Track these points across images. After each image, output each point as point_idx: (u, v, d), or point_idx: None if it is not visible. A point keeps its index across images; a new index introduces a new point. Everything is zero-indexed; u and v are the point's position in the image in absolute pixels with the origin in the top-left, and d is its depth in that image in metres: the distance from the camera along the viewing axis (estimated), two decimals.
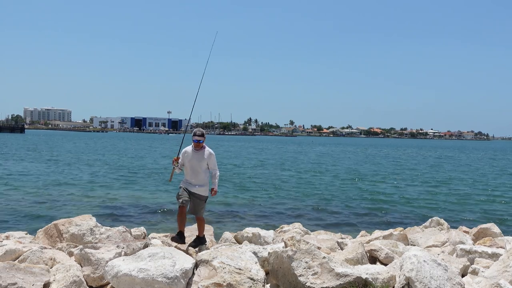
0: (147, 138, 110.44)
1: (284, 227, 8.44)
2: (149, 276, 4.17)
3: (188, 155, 5.85)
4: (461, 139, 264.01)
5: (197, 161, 5.82)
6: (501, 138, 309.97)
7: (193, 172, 5.83)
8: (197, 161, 5.81)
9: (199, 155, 5.82)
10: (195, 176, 5.84)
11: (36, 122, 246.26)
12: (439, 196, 17.50)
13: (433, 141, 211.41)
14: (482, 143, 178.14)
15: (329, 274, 4.39)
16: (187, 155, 5.86)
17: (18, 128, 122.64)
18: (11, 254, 4.89)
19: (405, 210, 14.01)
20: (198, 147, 5.80)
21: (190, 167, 5.83)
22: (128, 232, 5.96)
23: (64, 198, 14.27)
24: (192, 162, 5.82)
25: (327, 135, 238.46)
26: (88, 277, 4.52)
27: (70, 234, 5.57)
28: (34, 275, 4.27)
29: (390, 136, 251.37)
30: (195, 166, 5.82)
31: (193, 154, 5.82)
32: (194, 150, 5.83)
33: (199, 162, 5.83)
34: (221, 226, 10.15)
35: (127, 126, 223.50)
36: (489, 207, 15.07)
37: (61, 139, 75.47)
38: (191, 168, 5.84)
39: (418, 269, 4.28)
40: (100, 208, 12.55)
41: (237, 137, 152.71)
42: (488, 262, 5.18)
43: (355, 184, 20.69)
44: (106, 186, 17.47)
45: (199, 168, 5.82)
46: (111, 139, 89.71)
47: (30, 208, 12.34)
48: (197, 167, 5.82)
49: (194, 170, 5.83)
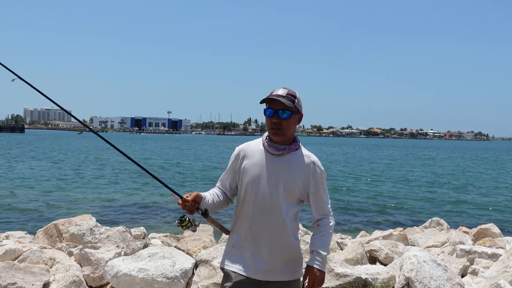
0: (143, 138, 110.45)
1: None
2: (148, 276, 4.17)
3: (252, 163, 2.36)
4: (461, 139, 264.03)
5: (276, 180, 2.31)
6: (501, 138, 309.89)
7: (262, 213, 2.31)
8: (275, 180, 2.31)
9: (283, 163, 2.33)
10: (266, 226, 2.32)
11: (36, 122, 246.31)
12: (439, 196, 17.50)
13: (433, 141, 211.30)
14: (482, 143, 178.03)
15: (329, 274, 4.39)
16: (247, 163, 2.37)
17: (18, 128, 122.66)
18: (10, 254, 4.89)
19: (405, 210, 14.01)
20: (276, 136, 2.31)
21: (254, 197, 2.32)
22: (128, 232, 5.96)
23: (64, 198, 14.27)
24: (261, 182, 2.31)
25: (327, 135, 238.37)
26: (87, 277, 4.52)
27: (70, 234, 5.57)
28: (33, 275, 4.27)
29: (390, 137, 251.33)
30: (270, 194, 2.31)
31: (266, 160, 2.34)
32: (268, 148, 2.34)
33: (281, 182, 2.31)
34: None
35: (127, 126, 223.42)
36: (489, 207, 15.07)
37: (65, 139, 75.47)
38: (257, 202, 2.32)
39: (418, 269, 4.28)
40: (100, 208, 12.54)
41: (237, 137, 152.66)
42: (488, 263, 5.18)
43: (355, 184, 20.69)
44: (106, 186, 17.47)
45: (278, 201, 2.31)
46: (111, 139, 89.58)
47: (30, 208, 12.34)
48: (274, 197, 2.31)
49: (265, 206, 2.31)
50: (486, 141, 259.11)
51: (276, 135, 2.31)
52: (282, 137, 2.31)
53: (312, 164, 2.36)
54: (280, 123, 2.28)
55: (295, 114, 2.32)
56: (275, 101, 2.26)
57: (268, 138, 2.37)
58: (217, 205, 2.44)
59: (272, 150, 2.33)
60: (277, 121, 2.28)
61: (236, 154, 2.44)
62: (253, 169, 2.35)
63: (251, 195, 2.34)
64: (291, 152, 2.34)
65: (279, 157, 2.33)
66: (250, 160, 2.37)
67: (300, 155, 2.36)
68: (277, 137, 2.31)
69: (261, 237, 2.32)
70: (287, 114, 2.27)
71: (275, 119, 2.28)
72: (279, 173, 2.31)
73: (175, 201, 2.37)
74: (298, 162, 2.34)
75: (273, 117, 2.28)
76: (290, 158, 2.34)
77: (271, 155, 2.34)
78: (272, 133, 2.31)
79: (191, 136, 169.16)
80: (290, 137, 2.35)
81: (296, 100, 2.30)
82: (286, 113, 2.27)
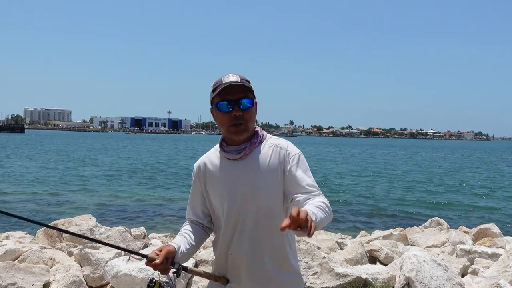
0: (138, 138, 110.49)
1: None
2: (148, 276, 4.17)
3: (214, 178, 1.90)
4: (461, 139, 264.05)
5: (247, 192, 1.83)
6: (501, 138, 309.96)
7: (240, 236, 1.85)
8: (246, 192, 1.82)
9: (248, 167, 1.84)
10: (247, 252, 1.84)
11: (36, 122, 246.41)
12: (439, 196, 17.50)
13: (433, 141, 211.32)
14: (482, 143, 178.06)
15: (329, 274, 4.39)
16: (209, 179, 1.92)
17: (18, 128, 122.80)
18: (11, 254, 4.89)
19: (405, 210, 14.00)
20: (239, 135, 1.83)
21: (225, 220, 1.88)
22: (128, 232, 5.96)
23: (64, 198, 14.27)
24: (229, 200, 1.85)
25: (327, 135, 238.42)
26: (87, 277, 4.52)
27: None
28: (34, 275, 4.27)
29: (390, 136, 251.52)
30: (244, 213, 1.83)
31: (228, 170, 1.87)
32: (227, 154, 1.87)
33: (254, 194, 1.82)
34: None
35: (127, 126, 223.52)
36: (489, 207, 15.07)
37: (67, 139, 75.47)
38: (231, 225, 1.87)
39: (418, 269, 4.28)
40: (100, 208, 12.54)
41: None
42: (488, 262, 5.18)
43: (354, 184, 20.68)
44: (106, 186, 17.47)
45: (258, 218, 1.83)
46: (111, 139, 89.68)
47: (30, 208, 12.34)
48: (251, 215, 1.83)
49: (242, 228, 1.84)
50: (486, 141, 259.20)
51: (239, 133, 1.81)
52: (246, 133, 1.83)
53: (281, 151, 1.84)
54: (243, 116, 1.80)
55: (254, 102, 1.86)
56: (232, 89, 1.78)
57: (224, 142, 1.90)
58: (196, 246, 1.94)
59: (232, 155, 1.84)
60: (239, 114, 1.79)
61: (196, 173, 1.97)
62: (216, 185, 1.88)
63: (226, 218, 1.87)
64: (253, 148, 1.85)
65: (241, 161, 1.84)
66: (212, 175, 1.90)
67: (265, 148, 1.86)
68: (242, 136, 1.82)
69: (242, 265, 1.86)
70: (249, 102, 1.81)
71: (236, 112, 1.79)
72: (247, 181, 1.82)
73: (175, 201, 2.32)
74: (265, 158, 1.83)
75: (234, 110, 1.79)
76: (254, 156, 1.84)
77: (232, 162, 1.85)
78: (235, 131, 1.81)
79: (191, 136, 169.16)
80: (252, 131, 1.87)
81: (251, 84, 1.85)
82: (248, 101, 1.81)
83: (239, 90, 1.79)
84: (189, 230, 1.95)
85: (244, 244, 1.84)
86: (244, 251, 1.84)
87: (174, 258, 1.80)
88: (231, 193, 1.84)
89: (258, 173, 1.82)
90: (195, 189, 1.98)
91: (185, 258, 1.87)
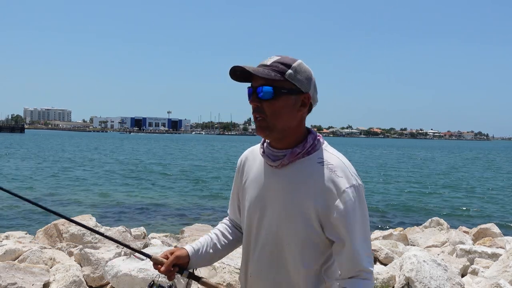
0: (132, 138, 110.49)
1: None
2: (148, 276, 4.17)
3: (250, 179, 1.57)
4: (461, 139, 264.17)
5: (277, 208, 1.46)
6: (501, 138, 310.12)
7: (261, 257, 1.51)
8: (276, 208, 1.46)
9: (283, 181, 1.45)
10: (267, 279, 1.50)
11: (36, 122, 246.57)
12: (439, 196, 17.50)
13: (433, 141, 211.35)
14: (482, 143, 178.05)
15: None
16: (247, 179, 1.59)
17: (18, 128, 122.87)
18: (11, 254, 4.89)
19: (405, 210, 14.01)
20: (260, 132, 1.45)
21: (248, 234, 1.56)
22: (128, 232, 5.96)
23: (64, 198, 14.27)
24: (257, 212, 1.51)
25: (327, 135, 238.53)
26: (87, 277, 4.52)
27: (70, 234, 5.57)
28: (34, 275, 4.27)
29: (390, 136, 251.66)
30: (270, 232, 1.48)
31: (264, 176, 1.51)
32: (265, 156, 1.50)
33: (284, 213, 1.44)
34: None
35: (127, 126, 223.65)
36: (489, 207, 15.08)
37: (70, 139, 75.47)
38: (253, 241, 1.54)
39: (418, 269, 4.28)
40: (100, 208, 12.54)
41: (237, 137, 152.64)
42: (488, 262, 5.18)
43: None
44: (106, 186, 17.47)
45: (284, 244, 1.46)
46: (106, 139, 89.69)
47: (30, 208, 12.33)
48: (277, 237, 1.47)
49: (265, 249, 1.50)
50: (486, 141, 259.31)
51: (259, 130, 1.45)
52: (269, 132, 1.43)
53: (331, 177, 1.40)
54: (261, 108, 1.42)
55: (289, 94, 1.40)
56: (253, 74, 1.41)
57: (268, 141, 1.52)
58: (224, 250, 1.68)
59: (267, 159, 1.48)
60: (256, 105, 1.43)
61: (238, 167, 1.66)
62: (250, 189, 1.56)
63: (247, 230, 1.56)
64: (294, 159, 1.43)
65: (277, 170, 1.46)
66: (249, 175, 1.57)
67: (312, 163, 1.43)
68: (262, 133, 1.45)
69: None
70: (268, 92, 1.38)
71: (253, 102, 1.43)
72: (274, 198, 1.46)
73: (175, 201, 2.27)
74: (306, 176, 1.42)
75: (251, 100, 1.43)
76: (291, 170, 1.44)
77: (269, 167, 1.49)
78: (255, 126, 1.47)
79: (191, 136, 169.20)
80: (286, 133, 1.44)
81: (291, 71, 1.39)
82: (265, 91, 1.39)
83: (260, 75, 1.39)
84: (220, 231, 1.71)
85: (262, 269, 1.51)
86: (262, 277, 1.52)
87: (185, 264, 1.59)
88: (256, 202, 1.51)
89: (287, 195, 1.44)
90: (235, 185, 1.69)
91: (204, 262, 1.65)
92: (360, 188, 1.42)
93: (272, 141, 1.48)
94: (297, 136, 1.46)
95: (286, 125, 1.42)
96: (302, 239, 1.42)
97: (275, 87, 1.38)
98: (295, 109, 1.43)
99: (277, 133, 1.43)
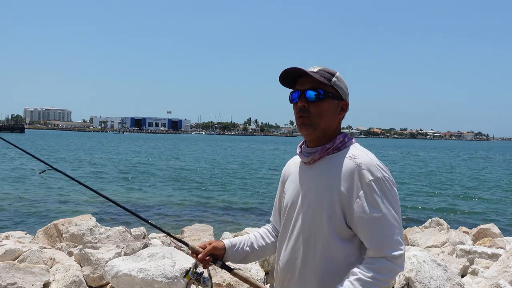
0: (126, 139, 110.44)
1: None
2: (148, 276, 4.17)
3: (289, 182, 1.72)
4: (461, 139, 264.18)
5: (306, 204, 1.58)
6: (501, 139, 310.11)
7: (291, 257, 1.62)
8: (305, 204, 1.59)
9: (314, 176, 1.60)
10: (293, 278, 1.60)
11: (36, 122, 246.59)
12: (439, 196, 17.50)
13: (433, 141, 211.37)
14: (482, 143, 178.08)
15: None
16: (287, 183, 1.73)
17: (18, 128, 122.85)
18: (10, 254, 4.89)
19: (405, 210, 14.01)
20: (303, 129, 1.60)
21: (282, 233, 1.69)
22: (128, 232, 5.96)
23: (64, 197, 14.27)
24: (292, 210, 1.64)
25: None
26: (87, 277, 4.52)
27: (70, 234, 5.57)
28: (33, 275, 4.27)
29: (390, 137, 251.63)
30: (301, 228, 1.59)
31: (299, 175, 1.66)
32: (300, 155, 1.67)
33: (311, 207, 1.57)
34: (221, 226, 10.15)
35: (127, 126, 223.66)
36: (489, 207, 15.08)
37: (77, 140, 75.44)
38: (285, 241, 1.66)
39: (418, 269, 4.28)
40: (100, 208, 12.54)
41: (237, 137, 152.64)
42: (488, 263, 5.18)
43: None
44: (106, 186, 17.47)
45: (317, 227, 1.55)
46: (104, 140, 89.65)
47: (30, 208, 12.34)
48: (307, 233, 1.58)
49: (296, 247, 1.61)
50: (486, 141, 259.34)
51: (303, 126, 1.58)
52: (313, 130, 1.57)
53: (357, 170, 1.49)
54: (308, 109, 1.56)
55: (333, 99, 1.58)
56: (302, 77, 1.58)
57: (305, 142, 1.68)
58: (262, 251, 1.82)
59: (303, 157, 1.64)
60: (303, 105, 1.57)
61: (282, 173, 1.81)
62: (289, 189, 1.70)
63: (284, 224, 1.68)
64: (324, 154, 1.58)
65: (310, 166, 1.61)
66: (289, 177, 1.73)
67: (340, 159, 1.55)
68: (305, 130, 1.58)
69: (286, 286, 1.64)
70: (318, 94, 1.55)
71: (300, 103, 1.57)
72: (306, 192, 1.59)
73: (175, 201, 2.33)
74: (334, 169, 1.53)
75: (299, 101, 1.58)
76: (322, 165, 1.57)
77: (303, 165, 1.65)
78: (299, 124, 1.60)
79: (191, 136, 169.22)
80: (326, 132, 1.59)
81: (336, 79, 1.58)
82: (315, 93, 1.55)
83: (309, 81, 1.57)
84: (260, 234, 1.87)
85: (295, 256, 1.61)
86: (289, 272, 1.62)
87: (220, 255, 1.76)
88: (294, 198, 1.64)
89: (317, 188, 1.56)
90: (278, 190, 1.83)
91: (238, 258, 1.79)
92: (386, 180, 1.52)
93: (312, 139, 1.62)
94: (333, 137, 1.62)
95: (328, 125, 1.60)
96: (330, 229, 1.52)
97: (324, 90, 1.56)
98: (336, 113, 1.61)
99: (319, 131, 1.58)
